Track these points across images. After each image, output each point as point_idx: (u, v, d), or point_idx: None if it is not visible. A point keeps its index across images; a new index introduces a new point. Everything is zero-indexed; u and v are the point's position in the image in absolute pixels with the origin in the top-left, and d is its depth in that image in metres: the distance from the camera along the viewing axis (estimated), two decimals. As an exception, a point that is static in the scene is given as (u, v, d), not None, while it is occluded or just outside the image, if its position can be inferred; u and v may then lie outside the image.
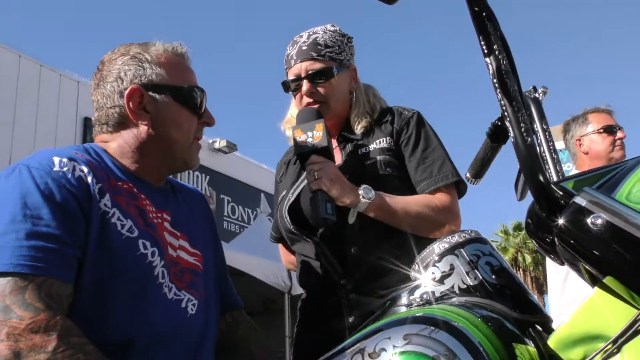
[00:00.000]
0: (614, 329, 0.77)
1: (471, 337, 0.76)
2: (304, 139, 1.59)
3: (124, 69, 1.25)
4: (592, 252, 0.71)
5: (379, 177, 1.65)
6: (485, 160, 1.30)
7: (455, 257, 0.89)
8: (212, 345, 1.29)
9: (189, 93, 1.28)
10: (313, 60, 1.72)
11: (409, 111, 1.77)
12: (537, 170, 0.77)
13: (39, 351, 0.96)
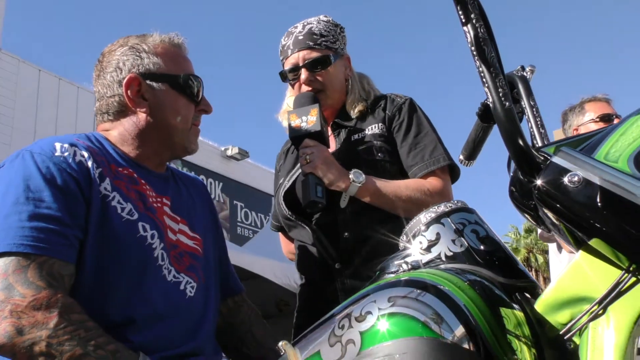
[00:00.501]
0: (599, 290, 0.78)
1: (457, 300, 0.77)
2: (298, 123, 1.63)
3: (123, 59, 1.29)
4: (571, 211, 0.72)
5: (372, 163, 1.67)
6: (477, 141, 1.31)
7: (442, 225, 0.90)
8: (212, 327, 1.31)
9: (185, 81, 1.32)
10: (310, 49, 1.75)
11: (401, 98, 1.79)
12: (516, 135, 0.78)
13: (41, 328, 0.99)
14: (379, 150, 1.69)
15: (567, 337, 0.79)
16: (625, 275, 0.75)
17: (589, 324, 0.77)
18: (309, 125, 1.63)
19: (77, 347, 0.99)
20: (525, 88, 1.11)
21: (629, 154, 0.71)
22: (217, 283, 1.38)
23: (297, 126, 1.64)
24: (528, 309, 0.82)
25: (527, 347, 0.78)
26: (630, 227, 0.67)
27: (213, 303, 1.34)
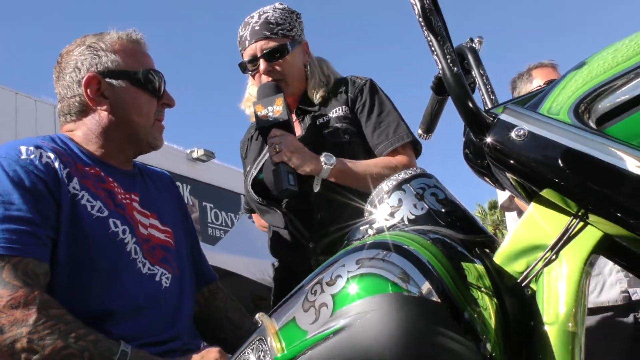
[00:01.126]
0: (551, 238, 0.83)
1: (421, 257, 0.81)
2: (265, 113, 1.65)
3: (80, 59, 1.30)
4: (520, 163, 0.77)
5: (338, 145, 1.72)
6: (434, 114, 1.37)
7: (403, 192, 0.94)
8: (189, 315, 1.34)
9: (145, 76, 1.34)
10: (267, 39, 1.78)
11: (361, 79, 1.84)
12: (465, 98, 0.82)
13: (21, 325, 1.01)
14: (344, 132, 1.74)
15: (524, 284, 0.84)
16: (573, 220, 0.81)
17: (544, 270, 0.83)
18: (276, 115, 1.66)
19: (58, 340, 1.02)
20: (475, 58, 1.16)
21: (568, 106, 0.76)
22: (191, 273, 1.41)
23: (264, 116, 1.67)
24: (487, 261, 0.86)
25: (488, 297, 0.82)
26: (574, 173, 0.72)
27: (189, 292, 1.36)
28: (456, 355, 0.76)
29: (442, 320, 0.77)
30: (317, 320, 0.80)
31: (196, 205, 12.39)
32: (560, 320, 0.79)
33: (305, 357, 0.80)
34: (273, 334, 0.86)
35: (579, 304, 0.81)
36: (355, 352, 0.76)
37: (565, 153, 0.72)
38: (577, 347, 0.80)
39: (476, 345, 0.78)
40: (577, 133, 0.72)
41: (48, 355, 1.01)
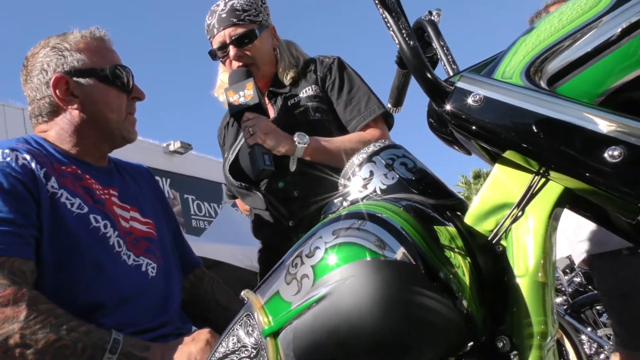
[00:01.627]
0: (517, 195, 0.87)
1: (395, 224, 0.85)
2: (236, 98, 1.69)
3: (46, 60, 1.31)
4: (479, 127, 0.81)
5: (311, 124, 1.75)
6: (400, 87, 1.40)
7: (373, 163, 0.98)
8: (177, 302, 1.37)
9: (112, 72, 1.35)
10: (235, 25, 1.81)
11: (329, 58, 1.88)
12: (424, 69, 0.85)
13: (12, 322, 1.03)
14: (316, 110, 1.78)
15: (495, 241, 0.88)
16: (535, 177, 0.85)
17: (512, 226, 0.87)
18: (247, 99, 1.69)
19: (51, 334, 1.04)
20: (434, 30, 1.20)
21: (520, 69, 0.80)
22: (176, 261, 1.44)
23: (236, 102, 1.71)
24: (459, 223, 0.91)
25: (461, 257, 0.87)
26: (529, 133, 0.76)
27: (175, 280, 1.40)
28: (434, 312, 0.80)
29: (418, 280, 0.81)
30: (300, 291, 0.84)
31: (177, 198, 12.35)
32: (530, 272, 0.84)
33: (292, 327, 0.84)
34: (259, 308, 0.89)
35: (546, 256, 0.85)
36: (338, 317, 0.80)
37: (520, 114, 0.76)
38: (548, 295, 0.85)
39: (453, 302, 0.82)
40: (529, 94, 0.76)
41: (41, 348, 1.04)
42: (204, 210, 12.76)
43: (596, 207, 0.94)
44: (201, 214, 12.66)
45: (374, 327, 0.79)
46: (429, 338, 0.82)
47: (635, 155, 0.68)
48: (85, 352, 1.07)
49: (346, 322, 0.80)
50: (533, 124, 0.76)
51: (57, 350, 1.04)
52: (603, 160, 0.70)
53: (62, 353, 1.05)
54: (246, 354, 0.92)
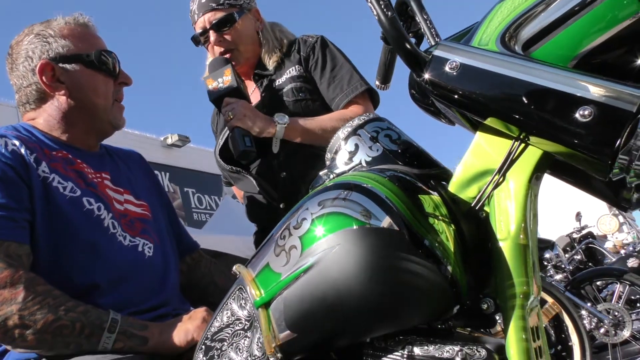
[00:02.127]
0: (498, 162, 0.89)
1: (380, 194, 0.87)
2: (215, 85, 1.73)
3: (31, 47, 1.33)
4: (457, 94, 0.82)
5: (295, 103, 1.77)
6: (388, 64, 1.41)
7: (358, 136, 1.00)
8: (175, 282, 1.39)
9: (98, 57, 1.36)
10: (214, 10, 1.84)
11: (313, 37, 1.89)
12: (402, 40, 0.87)
13: (10, 303, 1.05)
14: (299, 90, 1.80)
15: (478, 207, 0.90)
16: (515, 143, 0.87)
17: (494, 192, 0.89)
18: (226, 85, 1.72)
19: (49, 314, 1.06)
20: (417, 4, 1.21)
21: (496, 36, 0.82)
22: (172, 242, 1.46)
23: (215, 88, 1.74)
24: (443, 191, 0.92)
25: (446, 224, 0.89)
26: (505, 97, 0.78)
27: (172, 260, 1.42)
28: (419, 276, 0.82)
29: (403, 247, 0.83)
30: (289, 262, 0.86)
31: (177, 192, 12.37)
32: (511, 235, 0.86)
33: (282, 297, 0.86)
34: (250, 281, 0.92)
35: (528, 219, 0.87)
36: (326, 285, 0.82)
37: (495, 79, 0.78)
38: (529, 257, 0.87)
39: (437, 268, 0.84)
40: (503, 59, 0.78)
41: (40, 328, 1.06)
42: (205, 203, 12.79)
43: (578, 171, 0.96)
44: (202, 206, 12.69)
45: (361, 293, 0.81)
46: (415, 302, 0.84)
47: (604, 113, 0.70)
48: (83, 331, 1.09)
49: (333, 289, 0.82)
50: (508, 88, 0.78)
51: (56, 330, 1.07)
52: (574, 120, 0.72)
53: (61, 332, 1.07)
54: (240, 326, 0.94)
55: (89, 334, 1.10)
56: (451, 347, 0.83)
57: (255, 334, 0.90)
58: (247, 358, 0.91)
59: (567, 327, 3.31)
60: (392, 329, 0.85)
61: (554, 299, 3.33)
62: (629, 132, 0.70)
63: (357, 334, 0.87)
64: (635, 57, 0.83)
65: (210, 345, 0.98)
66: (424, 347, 0.83)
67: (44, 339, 1.08)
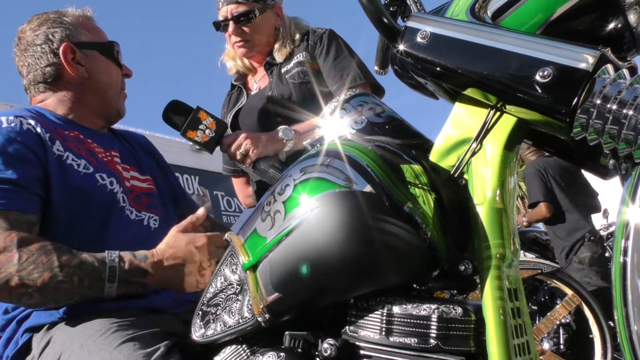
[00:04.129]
0: (475, 130, 0.93)
1: (361, 162, 0.91)
2: (202, 135, 1.65)
3: (50, 31, 1.42)
4: (429, 63, 0.86)
5: (300, 86, 1.85)
6: (384, 49, 1.45)
7: (344, 110, 1.04)
8: None
9: (111, 46, 1.47)
10: (237, 3, 1.95)
11: (322, 29, 1.98)
12: (380, 15, 0.91)
13: (8, 266, 1.11)
14: (305, 74, 1.87)
15: (457, 175, 0.93)
16: (491, 112, 0.90)
17: (471, 160, 0.92)
18: (215, 127, 1.66)
19: (45, 273, 1.12)
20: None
21: (466, 8, 0.86)
22: (176, 217, 1.52)
23: (205, 137, 1.65)
24: (424, 161, 0.96)
25: (425, 192, 0.92)
26: (472, 62, 0.82)
27: None
28: (396, 236, 0.86)
29: (382, 210, 0.87)
30: (274, 226, 0.91)
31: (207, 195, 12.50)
32: (488, 200, 0.90)
33: (268, 259, 0.91)
34: (240, 246, 0.97)
35: (504, 184, 0.91)
36: (308, 246, 0.87)
37: (462, 46, 0.82)
38: (506, 221, 0.90)
39: (416, 232, 0.88)
40: (471, 27, 0.82)
41: (41, 286, 1.11)
42: (234, 206, 12.88)
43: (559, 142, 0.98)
44: (231, 209, 12.78)
45: (340, 252, 0.86)
46: (393, 261, 0.88)
47: (562, 74, 0.73)
48: (83, 284, 1.14)
49: (314, 249, 0.86)
50: (474, 54, 0.81)
51: (56, 286, 1.12)
52: (535, 81, 0.75)
53: (61, 288, 1.13)
54: (232, 290, 0.99)
55: (89, 285, 1.15)
56: (428, 305, 0.86)
57: (245, 297, 0.95)
58: (238, 320, 0.96)
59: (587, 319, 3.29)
60: (372, 288, 0.89)
61: (574, 291, 3.31)
62: (587, 91, 0.74)
63: (339, 293, 0.91)
64: (605, 22, 0.86)
65: (206, 310, 1.04)
66: (403, 305, 0.87)
67: (48, 295, 1.14)
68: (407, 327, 0.86)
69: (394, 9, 1.37)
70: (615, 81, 0.73)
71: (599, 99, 0.72)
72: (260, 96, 2.09)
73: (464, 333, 0.86)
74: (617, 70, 0.75)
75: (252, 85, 2.21)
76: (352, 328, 0.90)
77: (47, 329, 1.22)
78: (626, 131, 0.71)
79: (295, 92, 1.83)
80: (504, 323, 0.85)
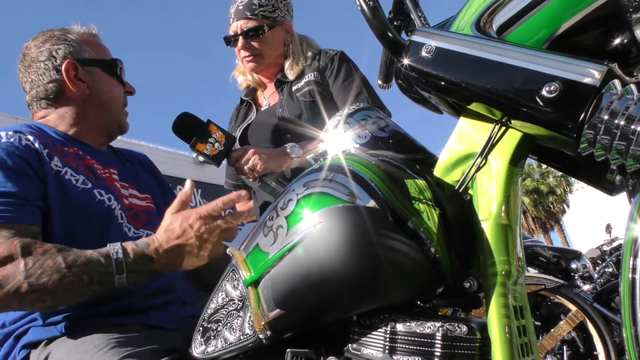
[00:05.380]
0: (480, 145, 0.92)
1: (365, 177, 0.90)
2: (212, 148, 1.64)
3: (54, 48, 1.43)
4: (434, 77, 0.85)
5: (311, 104, 1.85)
6: (388, 63, 1.45)
7: (348, 124, 1.04)
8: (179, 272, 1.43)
9: (114, 64, 1.47)
10: (247, 19, 1.97)
11: (333, 51, 2.02)
12: (385, 29, 0.91)
13: (16, 275, 1.11)
14: (316, 93, 1.88)
15: (461, 190, 0.92)
16: (496, 126, 0.89)
17: (476, 175, 0.91)
18: (224, 141, 1.65)
19: (54, 275, 1.12)
20: (412, 2, 1.25)
21: (471, 22, 0.85)
22: None
23: (214, 150, 1.64)
24: (428, 176, 0.95)
25: (430, 208, 0.91)
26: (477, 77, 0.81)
27: None
28: (400, 253, 0.85)
29: (385, 225, 0.86)
30: (276, 241, 0.90)
31: (210, 208, 12.55)
32: (493, 216, 0.88)
33: (270, 275, 0.90)
34: (241, 262, 0.96)
35: (509, 200, 0.89)
36: (310, 261, 0.86)
37: (468, 61, 0.81)
38: (511, 237, 0.89)
39: (420, 248, 0.87)
40: (475, 41, 0.81)
41: (52, 289, 1.11)
42: (237, 219, 12.95)
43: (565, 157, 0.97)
44: (234, 221, 12.85)
45: (343, 268, 0.84)
46: (396, 278, 0.86)
47: (569, 89, 0.73)
48: (93, 281, 1.14)
49: (316, 264, 0.85)
50: (479, 68, 0.80)
51: (67, 286, 1.12)
52: (541, 97, 0.74)
53: (73, 287, 1.13)
54: (233, 306, 0.98)
55: (99, 281, 1.15)
56: (432, 323, 0.85)
57: (246, 313, 0.94)
58: (239, 337, 0.95)
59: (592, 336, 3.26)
60: (375, 305, 0.88)
61: (577, 307, 3.28)
62: (594, 106, 0.73)
63: (342, 310, 0.89)
64: (611, 37, 0.85)
65: (207, 326, 1.02)
66: (407, 323, 0.86)
67: (60, 296, 1.13)
68: (411, 346, 0.84)
69: (397, 23, 1.38)
70: (622, 96, 0.72)
71: (606, 115, 0.71)
72: (270, 112, 2.11)
73: (469, 352, 0.84)
74: (625, 85, 0.74)
75: (261, 101, 2.23)
76: (354, 346, 0.88)
77: (45, 344, 1.21)
78: (634, 147, 0.70)
79: (306, 111, 1.87)
80: (509, 341, 0.83)
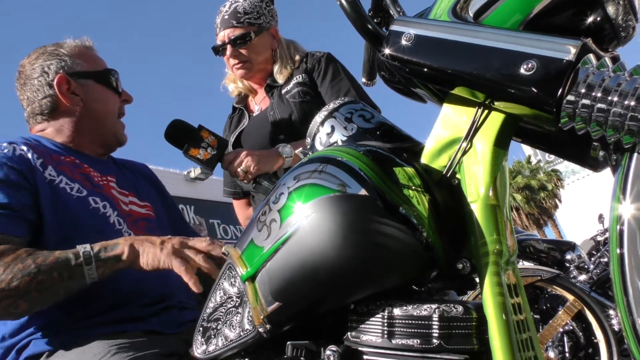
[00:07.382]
0: (464, 130, 0.94)
1: (354, 166, 0.91)
2: (204, 152, 1.66)
3: (46, 64, 1.44)
4: (415, 64, 0.87)
5: (301, 104, 1.89)
6: (371, 60, 1.47)
7: (334, 119, 1.05)
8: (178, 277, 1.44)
9: (108, 74, 1.49)
10: (233, 27, 2.02)
11: (320, 52, 2.07)
12: (364, 21, 0.93)
13: None
14: (305, 93, 1.93)
15: (449, 175, 0.94)
16: (479, 109, 0.91)
17: (463, 159, 0.93)
18: (216, 145, 1.68)
19: (24, 277, 1.13)
20: None
21: (447, 9, 0.87)
22: None
23: (207, 155, 1.66)
24: (415, 163, 0.96)
25: (420, 194, 0.92)
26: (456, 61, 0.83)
27: None
28: (392, 238, 0.86)
29: (377, 212, 0.87)
30: (270, 235, 0.91)
31: (203, 224, 12.50)
32: (481, 197, 0.90)
33: (265, 269, 0.91)
34: (237, 258, 0.97)
35: (496, 181, 0.91)
36: (304, 253, 0.87)
37: (446, 45, 0.83)
38: (501, 216, 0.90)
39: (412, 233, 0.88)
40: (453, 26, 0.83)
41: (23, 292, 1.12)
42: (230, 233, 12.87)
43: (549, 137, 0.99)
44: (227, 236, 12.76)
45: (336, 257, 0.85)
46: (390, 264, 0.88)
47: (546, 65, 0.75)
48: (63, 276, 1.15)
49: (310, 255, 0.86)
50: (458, 52, 0.82)
51: (37, 286, 1.13)
52: (520, 75, 0.76)
53: (44, 287, 1.13)
54: (232, 304, 0.99)
55: (69, 276, 1.15)
56: (429, 306, 0.86)
57: (245, 309, 0.95)
58: (239, 333, 0.96)
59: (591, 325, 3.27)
60: (370, 291, 0.89)
61: (575, 296, 3.30)
62: (571, 81, 0.75)
63: (339, 298, 0.91)
64: (584, 16, 0.87)
65: (207, 326, 1.03)
66: (403, 307, 0.87)
67: (32, 299, 1.14)
68: (409, 329, 0.85)
69: (377, 20, 1.40)
70: (598, 69, 0.74)
71: (583, 88, 0.73)
72: (262, 117, 2.15)
73: (466, 331, 0.86)
74: (599, 59, 0.76)
75: (253, 107, 2.27)
76: (353, 333, 0.89)
77: (46, 356, 1.21)
78: (612, 117, 0.72)
79: (296, 110, 1.93)
80: (505, 319, 0.84)
